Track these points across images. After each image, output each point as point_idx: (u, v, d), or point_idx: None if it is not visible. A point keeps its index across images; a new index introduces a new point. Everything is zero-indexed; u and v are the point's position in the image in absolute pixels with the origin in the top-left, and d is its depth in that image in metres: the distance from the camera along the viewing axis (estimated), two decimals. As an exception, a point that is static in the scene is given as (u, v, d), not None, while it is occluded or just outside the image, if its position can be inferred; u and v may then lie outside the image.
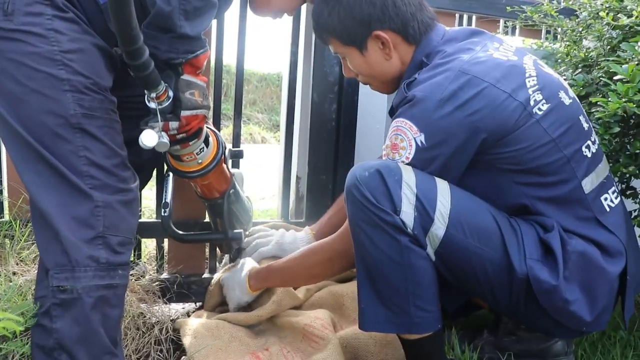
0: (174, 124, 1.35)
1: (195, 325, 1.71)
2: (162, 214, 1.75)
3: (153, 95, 1.30)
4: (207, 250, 2.22)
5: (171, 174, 1.78)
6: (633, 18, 1.57)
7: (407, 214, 1.32)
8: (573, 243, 1.38)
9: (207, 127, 1.59)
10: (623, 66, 1.40)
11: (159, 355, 1.67)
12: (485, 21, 2.67)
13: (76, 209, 1.27)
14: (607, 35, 1.81)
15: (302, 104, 2.31)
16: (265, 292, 1.79)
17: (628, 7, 1.66)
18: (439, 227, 1.33)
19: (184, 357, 1.62)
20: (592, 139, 1.48)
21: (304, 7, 2.20)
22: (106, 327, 1.30)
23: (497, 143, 1.36)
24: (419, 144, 1.35)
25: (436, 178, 1.37)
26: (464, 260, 1.36)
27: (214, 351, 1.60)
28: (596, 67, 1.82)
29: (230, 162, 1.91)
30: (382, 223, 1.32)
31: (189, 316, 1.91)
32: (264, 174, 4.54)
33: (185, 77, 1.34)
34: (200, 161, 1.57)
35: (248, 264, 1.82)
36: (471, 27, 1.60)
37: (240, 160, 2.12)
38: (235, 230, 1.85)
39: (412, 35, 1.52)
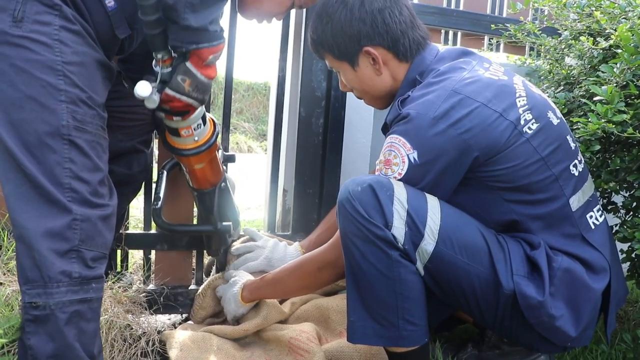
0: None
1: (181, 337, 1.71)
2: (154, 206, 1.82)
3: (159, 57, 1.40)
4: (193, 261, 2.22)
5: (166, 171, 1.86)
6: (611, 41, 1.61)
7: (398, 228, 1.34)
8: (559, 260, 1.41)
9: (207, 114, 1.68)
10: (602, 87, 1.44)
11: (145, 366, 1.67)
12: (470, 38, 2.72)
13: (52, 221, 1.26)
14: (588, 55, 1.85)
15: (289, 118, 2.33)
16: (252, 307, 1.81)
17: (607, 31, 1.70)
18: (428, 243, 1.35)
19: None
20: (579, 159, 1.52)
21: (292, 22, 2.23)
22: (82, 342, 1.29)
23: (488, 161, 1.39)
24: (412, 160, 1.38)
25: (427, 195, 1.39)
26: (452, 276, 1.38)
27: (200, 363, 1.60)
28: (577, 86, 1.86)
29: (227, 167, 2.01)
30: (374, 237, 1.35)
31: (175, 328, 1.92)
32: (250, 184, 4.55)
33: (187, 64, 1.39)
34: (196, 138, 1.63)
35: (242, 277, 1.83)
36: (462, 47, 1.63)
37: (229, 165, 2.14)
38: (225, 223, 1.88)
39: (403, 53, 1.55)
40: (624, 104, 1.43)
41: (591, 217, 1.50)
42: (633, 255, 1.78)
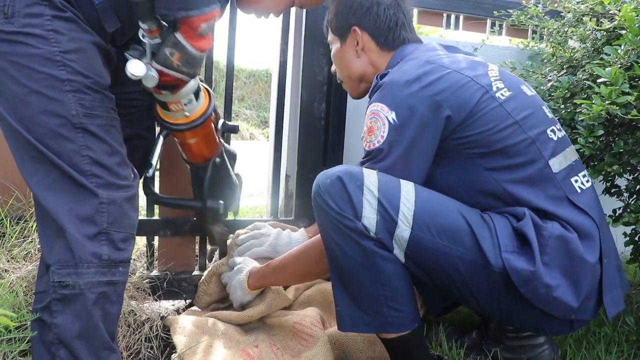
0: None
1: (185, 322, 1.72)
2: (146, 174, 1.74)
3: (146, 27, 1.33)
4: (197, 247, 2.23)
5: (161, 138, 1.77)
6: (615, 22, 1.60)
7: (369, 218, 1.34)
8: (549, 228, 1.37)
9: (202, 85, 1.61)
10: (606, 69, 1.43)
11: (149, 353, 1.68)
12: (472, 22, 2.70)
13: (81, 206, 1.28)
14: (592, 37, 1.84)
15: (291, 103, 2.33)
16: (258, 293, 1.82)
17: (610, 12, 1.69)
18: (403, 230, 1.34)
19: (174, 354, 1.63)
20: (558, 127, 1.52)
21: (293, 7, 2.21)
22: (106, 323, 1.31)
23: (462, 125, 1.41)
24: (391, 121, 1.41)
25: (401, 180, 1.39)
26: (434, 261, 1.37)
27: (204, 348, 1.61)
28: (581, 69, 1.85)
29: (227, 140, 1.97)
30: (346, 229, 1.35)
31: (179, 313, 1.93)
32: (252, 171, 4.55)
33: (177, 35, 1.32)
34: (187, 114, 1.55)
35: (246, 264, 1.84)
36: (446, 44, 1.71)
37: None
38: (215, 201, 1.81)
39: (384, 42, 1.67)
40: (628, 85, 1.42)
41: (576, 181, 1.47)
42: (637, 239, 1.78)
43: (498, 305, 1.41)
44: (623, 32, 1.53)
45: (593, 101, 1.43)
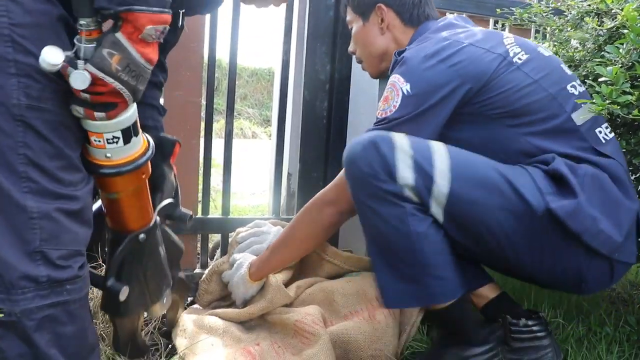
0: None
1: (187, 324, 1.72)
2: None
3: (83, 24, 1.06)
4: (198, 245, 2.23)
5: None
6: (617, 21, 1.59)
7: (406, 178, 1.35)
8: (583, 167, 1.39)
9: (144, 135, 1.30)
10: (608, 68, 1.43)
11: (151, 350, 1.68)
12: (475, 20, 2.69)
13: (8, 220, 1.06)
14: (594, 35, 1.83)
15: (293, 101, 2.33)
16: (258, 290, 1.82)
17: (613, 11, 1.69)
18: (442, 185, 1.35)
19: (175, 356, 1.64)
20: (578, 83, 1.55)
21: (296, 6, 2.22)
22: (61, 346, 1.13)
23: (481, 90, 1.46)
24: (405, 92, 1.46)
25: (430, 141, 1.42)
26: (474, 216, 1.37)
27: (206, 346, 1.62)
28: (582, 67, 1.85)
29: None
30: (383, 193, 1.36)
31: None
32: (254, 169, 4.56)
33: (118, 35, 1.05)
34: (109, 154, 1.20)
35: (245, 259, 1.84)
36: (460, 16, 1.78)
37: (232, 155, 2.14)
38: (118, 283, 1.33)
39: (409, 18, 1.72)
40: (629, 85, 1.42)
41: (600, 132, 1.49)
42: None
43: (540, 254, 1.40)
44: (625, 31, 1.52)
45: (594, 100, 1.43)
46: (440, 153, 1.38)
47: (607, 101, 1.37)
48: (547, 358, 1.59)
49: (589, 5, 1.89)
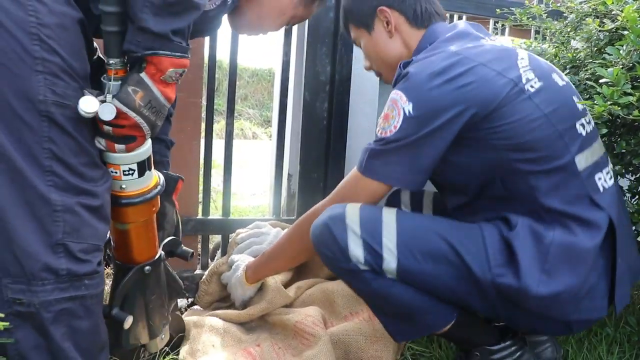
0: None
1: (187, 321, 1.72)
2: None
3: (111, 63, 1.19)
4: (199, 246, 2.24)
5: None
6: (618, 23, 1.59)
7: (358, 256, 1.39)
8: (550, 235, 1.36)
9: (156, 172, 1.43)
10: (608, 70, 1.43)
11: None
12: (475, 21, 2.69)
13: (33, 212, 1.11)
14: (595, 37, 1.83)
15: (294, 102, 2.33)
16: (257, 291, 1.82)
17: (613, 12, 1.69)
18: (390, 261, 1.38)
19: (177, 357, 1.64)
20: (587, 119, 1.47)
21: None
22: (75, 340, 1.18)
23: (488, 117, 1.36)
24: (407, 112, 1.37)
25: (383, 211, 1.44)
26: (426, 283, 1.41)
27: (206, 347, 1.62)
28: (583, 69, 1.85)
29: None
30: (345, 271, 1.43)
31: (181, 313, 1.93)
32: (255, 170, 4.56)
33: (142, 75, 1.17)
34: (123, 186, 1.30)
35: (243, 260, 1.84)
36: (474, 23, 1.65)
37: (233, 156, 2.14)
38: (122, 312, 1.40)
39: (414, 17, 1.60)
40: (630, 86, 1.42)
41: (600, 178, 1.44)
42: (639, 239, 1.78)
43: (494, 310, 1.43)
44: (625, 32, 1.53)
45: (595, 101, 1.43)
46: (389, 229, 1.40)
47: (608, 102, 1.38)
48: (546, 352, 1.61)
49: (589, 6, 1.89)
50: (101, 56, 1.35)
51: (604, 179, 1.45)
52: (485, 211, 1.47)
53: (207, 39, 2.04)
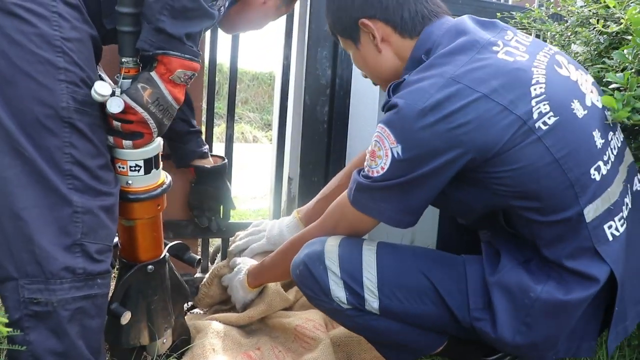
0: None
1: (188, 326, 1.72)
2: None
3: (124, 61, 1.27)
4: (199, 249, 2.23)
5: None
6: (622, 25, 1.59)
7: (340, 297, 1.38)
8: (538, 291, 1.28)
9: (165, 172, 1.48)
10: (617, 74, 1.40)
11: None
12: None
13: (53, 213, 1.17)
14: (595, 41, 1.83)
15: (294, 106, 2.33)
16: (260, 291, 1.82)
17: (615, 15, 1.68)
18: (372, 301, 1.37)
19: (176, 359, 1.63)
20: (605, 159, 1.28)
21: (296, 10, 2.22)
22: (86, 338, 1.23)
23: (487, 162, 1.21)
24: (395, 155, 1.23)
25: (363, 248, 1.41)
26: (410, 319, 1.40)
27: (206, 350, 1.61)
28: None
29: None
30: (328, 309, 1.43)
31: (181, 316, 1.93)
32: (255, 173, 4.55)
33: (152, 73, 1.25)
34: (130, 182, 1.36)
35: (245, 263, 1.84)
36: (482, 19, 1.41)
37: (233, 159, 2.14)
38: (121, 308, 1.43)
39: (402, 26, 1.38)
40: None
41: (610, 227, 1.28)
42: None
43: (477, 339, 1.42)
44: (627, 37, 1.52)
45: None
46: (369, 268, 1.38)
47: (627, 108, 1.33)
48: None
49: (590, 10, 1.89)
50: (101, 74, 1.42)
51: (615, 227, 1.29)
52: (484, 230, 1.49)
53: (207, 43, 2.04)
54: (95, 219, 1.23)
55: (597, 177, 1.26)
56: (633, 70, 1.46)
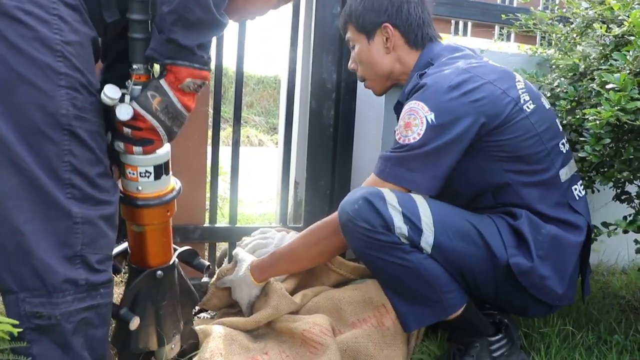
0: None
1: (196, 331, 1.72)
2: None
3: (135, 68, 1.27)
4: (206, 254, 2.24)
5: None
6: (625, 28, 1.59)
7: (401, 228, 1.49)
8: (547, 227, 1.58)
9: (175, 178, 1.48)
10: (615, 75, 1.42)
11: None
12: (481, 29, 2.70)
13: (53, 225, 1.14)
14: (601, 42, 1.83)
15: (300, 110, 2.33)
16: (262, 297, 1.81)
17: (619, 17, 1.68)
18: (428, 235, 1.51)
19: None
20: (565, 140, 1.71)
21: (302, 14, 2.22)
22: (91, 348, 1.22)
23: (493, 131, 1.56)
24: (429, 121, 1.51)
25: (413, 195, 1.56)
26: (453, 260, 1.54)
27: (214, 355, 1.61)
28: (588, 76, 1.85)
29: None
30: (384, 244, 1.49)
31: (188, 320, 1.93)
32: (261, 177, 4.56)
33: (161, 82, 1.24)
34: (140, 187, 1.36)
35: (246, 260, 1.84)
36: (465, 47, 1.82)
37: (239, 163, 2.14)
38: (130, 313, 1.42)
39: (414, 40, 1.77)
40: (637, 91, 1.42)
41: (575, 189, 1.69)
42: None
43: (495, 291, 1.61)
44: (632, 38, 1.52)
45: (602, 107, 1.43)
46: (423, 208, 1.52)
47: (616, 107, 1.37)
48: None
49: (595, 12, 1.89)
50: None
51: (579, 190, 1.70)
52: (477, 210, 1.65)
53: (213, 47, 2.04)
54: (95, 229, 1.20)
55: (564, 150, 1.67)
56: (630, 73, 1.46)
